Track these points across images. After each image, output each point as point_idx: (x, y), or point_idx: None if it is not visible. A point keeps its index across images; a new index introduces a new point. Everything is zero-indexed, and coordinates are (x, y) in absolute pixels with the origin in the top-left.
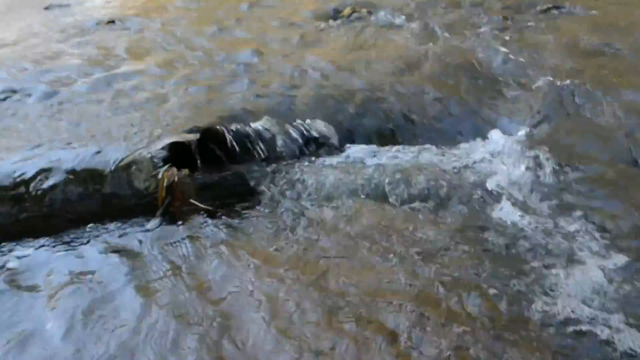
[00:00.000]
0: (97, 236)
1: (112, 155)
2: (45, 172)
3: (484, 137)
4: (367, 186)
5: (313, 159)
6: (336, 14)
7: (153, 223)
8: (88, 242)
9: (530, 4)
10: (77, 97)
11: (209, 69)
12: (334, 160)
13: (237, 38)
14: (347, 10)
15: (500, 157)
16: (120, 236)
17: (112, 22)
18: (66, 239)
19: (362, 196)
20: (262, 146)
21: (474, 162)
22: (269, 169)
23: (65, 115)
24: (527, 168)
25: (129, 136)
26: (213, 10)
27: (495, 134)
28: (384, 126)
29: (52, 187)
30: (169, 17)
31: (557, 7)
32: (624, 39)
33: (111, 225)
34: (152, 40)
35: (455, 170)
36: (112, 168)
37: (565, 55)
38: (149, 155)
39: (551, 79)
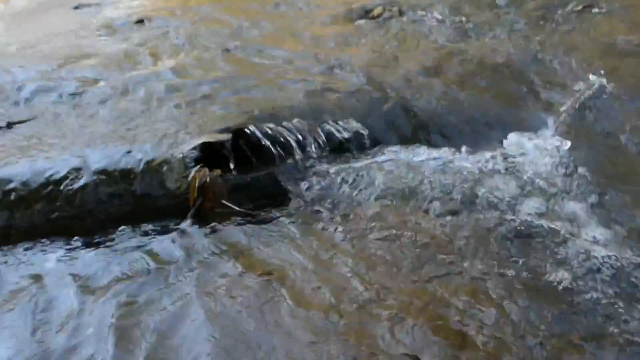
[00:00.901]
0: (129, 237)
1: (143, 155)
2: (76, 171)
3: (517, 139)
4: (399, 188)
5: (345, 159)
6: (366, 14)
7: (185, 224)
8: (120, 243)
9: (564, 2)
10: (107, 96)
11: (240, 69)
12: (366, 161)
13: (266, 37)
14: (377, 10)
15: (532, 159)
16: (151, 237)
17: (141, 21)
18: (98, 239)
19: (394, 198)
20: (295, 146)
21: (506, 164)
22: (301, 170)
23: (96, 114)
24: (559, 171)
25: (160, 136)
26: (243, 9)
27: (528, 136)
28: (416, 127)
29: (83, 187)
30: (198, 16)
31: (592, 6)
32: None
33: (142, 226)
34: (182, 40)
35: (486, 173)
36: (143, 168)
37: (601, 55)
38: (181, 155)
39: (586, 79)
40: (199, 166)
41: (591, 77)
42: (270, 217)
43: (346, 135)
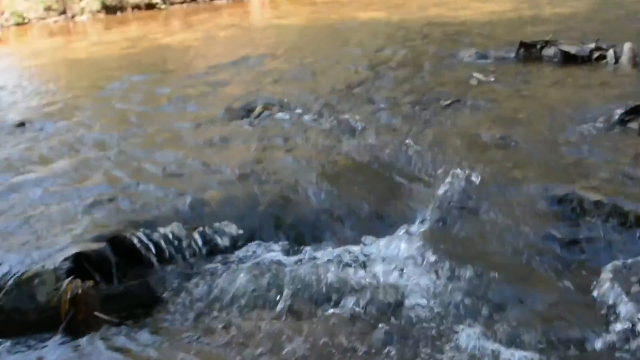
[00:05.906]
0: None
1: (14, 268)
2: None
3: (388, 235)
4: (273, 292)
5: (223, 264)
6: (247, 113)
7: (56, 338)
8: None
9: (434, 98)
10: None
11: (119, 173)
12: (244, 264)
13: (147, 139)
14: (258, 109)
15: (401, 254)
16: (21, 353)
17: (22, 124)
18: None
19: (268, 302)
20: (172, 252)
21: (378, 261)
22: (177, 276)
23: None
24: (426, 266)
25: (33, 247)
26: (123, 111)
27: (397, 232)
28: (293, 228)
29: None
30: (80, 119)
31: (459, 101)
32: (522, 132)
33: (12, 342)
34: (62, 144)
35: (360, 271)
36: (14, 282)
37: (467, 148)
38: (52, 267)
39: (453, 173)
40: (70, 278)
41: (456, 170)
42: (142, 326)
43: (224, 238)
